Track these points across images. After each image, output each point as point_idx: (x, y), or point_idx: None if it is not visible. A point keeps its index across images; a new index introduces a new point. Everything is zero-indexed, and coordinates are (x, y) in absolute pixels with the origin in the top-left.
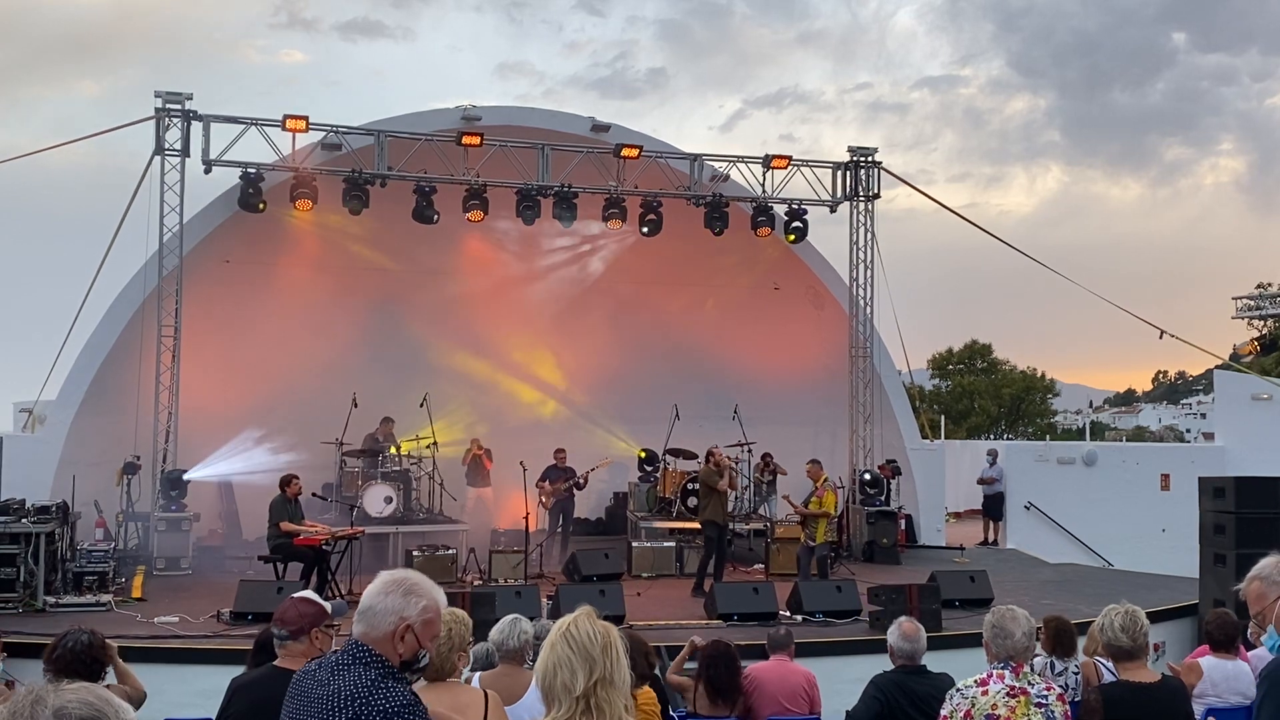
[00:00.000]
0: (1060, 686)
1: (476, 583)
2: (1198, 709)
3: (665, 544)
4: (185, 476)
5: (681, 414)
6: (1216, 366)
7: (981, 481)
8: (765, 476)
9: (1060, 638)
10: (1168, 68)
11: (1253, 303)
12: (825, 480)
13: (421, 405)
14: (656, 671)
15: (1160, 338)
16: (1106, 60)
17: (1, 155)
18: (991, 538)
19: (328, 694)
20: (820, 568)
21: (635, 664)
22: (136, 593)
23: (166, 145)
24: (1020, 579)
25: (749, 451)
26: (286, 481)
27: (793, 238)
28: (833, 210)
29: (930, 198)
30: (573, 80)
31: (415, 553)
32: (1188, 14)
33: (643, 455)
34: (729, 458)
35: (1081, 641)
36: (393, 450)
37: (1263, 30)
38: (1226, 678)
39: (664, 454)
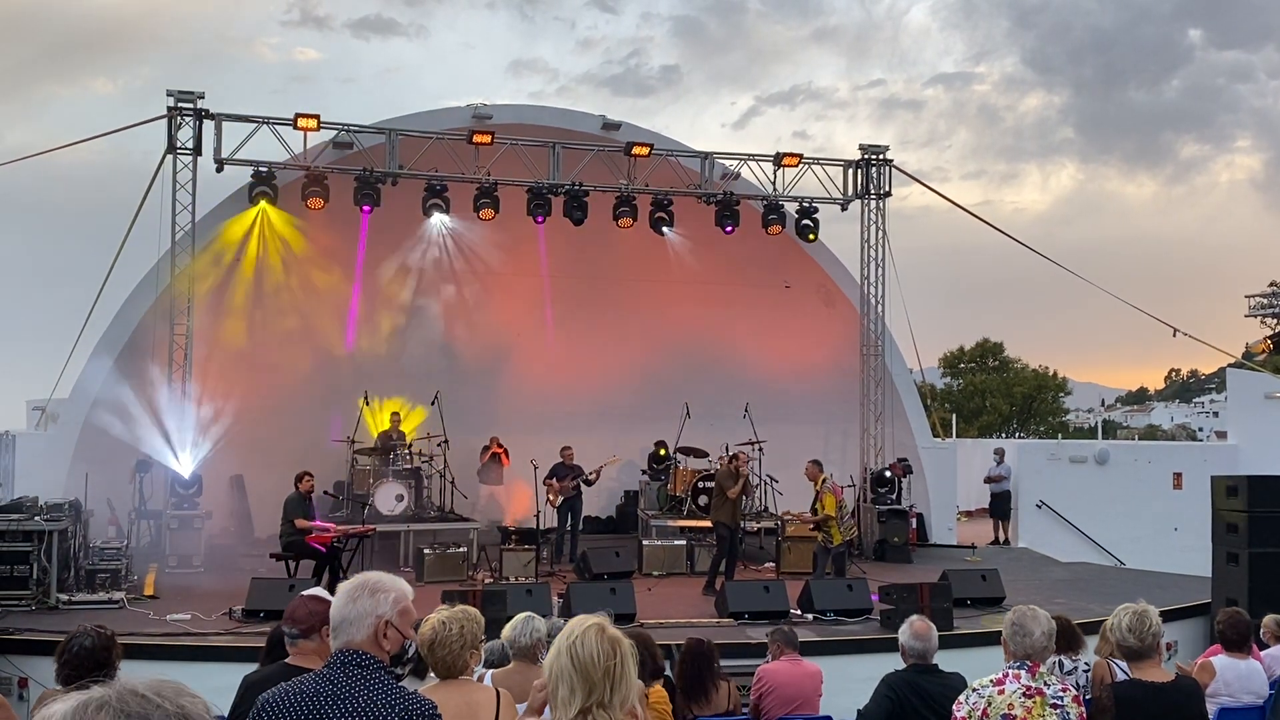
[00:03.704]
0: (1071, 686)
1: (488, 580)
2: (1211, 708)
3: (676, 542)
4: (184, 475)
5: (692, 412)
6: (1229, 365)
7: (989, 480)
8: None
9: (1057, 634)
10: (1184, 64)
11: (1266, 301)
12: (824, 481)
13: (433, 403)
14: (668, 672)
15: (1173, 336)
16: (1122, 57)
17: (15, 154)
18: (1001, 537)
19: (356, 705)
20: (836, 565)
21: (644, 663)
22: (149, 590)
23: (179, 144)
24: (1032, 578)
25: (760, 450)
26: (299, 478)
27: (810, 237)
28: (844, 208)
29: (941, 195)
30: (586, 77)
31: (427, 550)
32: (1204, 11)
33: (664, 454)
34: (742, 456)
35: (1093, 641)
36: (404, 450)
37: (1279, 27)
38: (1240, 677)
39: (675, 452)
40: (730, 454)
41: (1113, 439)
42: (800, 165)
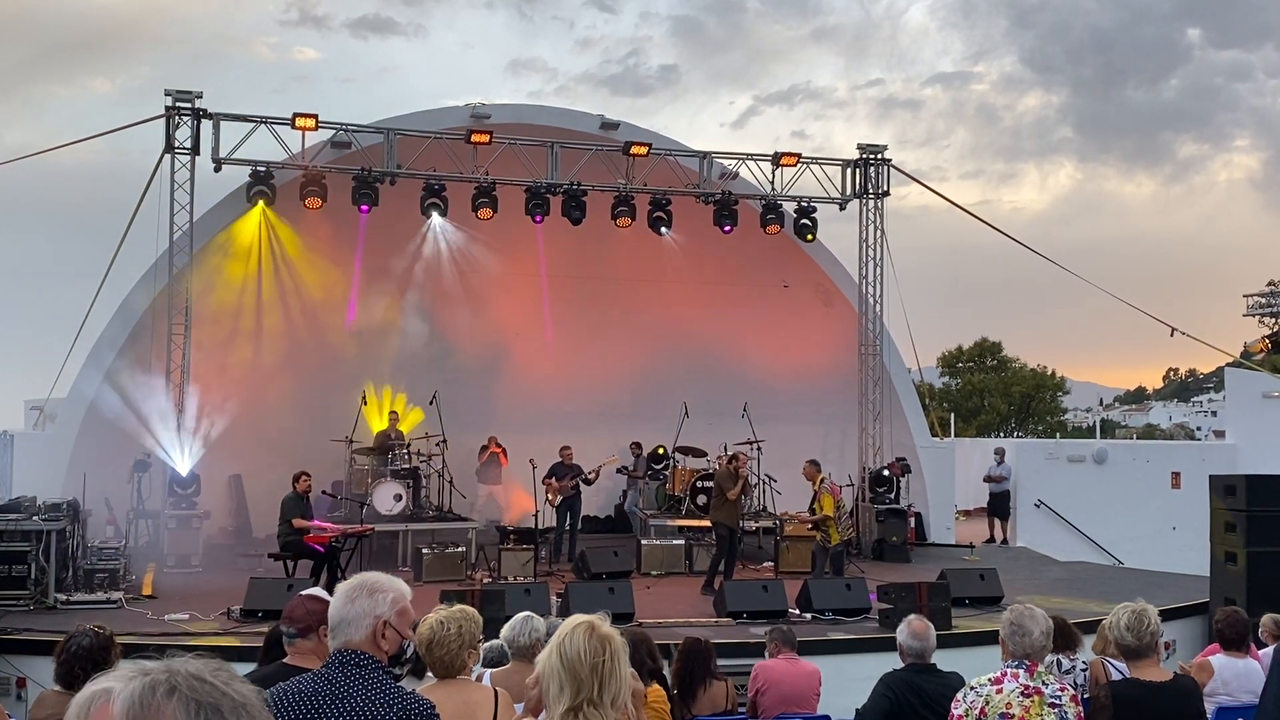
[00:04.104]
0: (1069, 685)
1: (486, 580)
2: (1209, 707)
3: (674, 541)
4: (182, 475)
5: (691, 412)
6: (1227, 364)
7: (989, 479)
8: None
9: (1055, 634)
10: (1182, 64)
11: (1264, 300)
12: (822, 481)
13: (431, 403)
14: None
15: (1171, 335)
16: (1121, 57)
17: (14, 154)
18: (999, 536)
19: (355, 705)
20: (835, 564)
21: (642, 663)
22: (147, 590)
23: (177, 144)
24: (1030, 577)
25: (759, 450)
26: (297, 478)
27: (809, 237)
28: (842, 208)
29: (940, 195)
30: (585, 77)
31: (425, 550)
32: (1203, 10)
33: (661, 452)
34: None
35: (1090, 639)
36: (402, 450)
37: (1278, 26)
38: (1238, 676)
39: (673, 451)
40: (730, 454)
41: (1111, 438)
42: (798, 165)
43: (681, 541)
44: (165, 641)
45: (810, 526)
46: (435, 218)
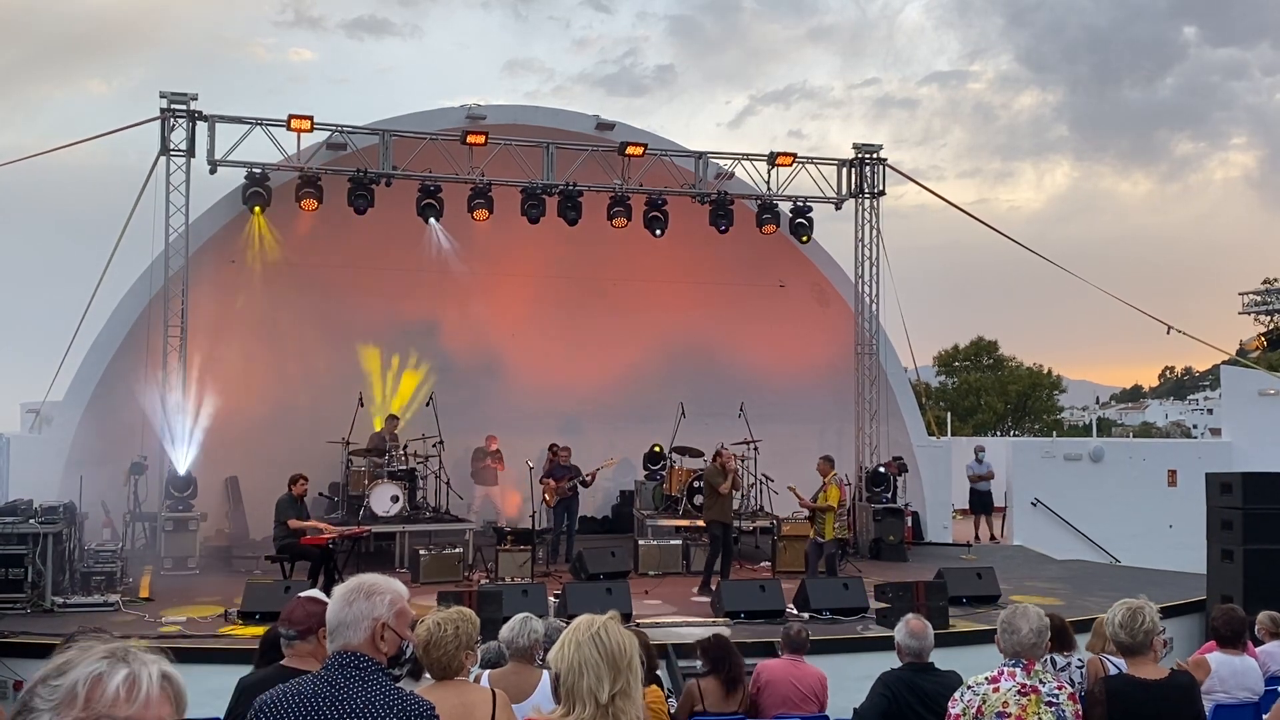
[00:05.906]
0: (1065, 683)
1: (483, 581)
2: (1206, 705)
3: (671, 542)
4: (179, 476)
5: (687, 412)
6: (1223, 362)
7: (980, 479)
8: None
9: (1050, 633)
10: (1178, 62)
11: (1260, 298)
12: (833, 475)
13: (428, 404)
14: (659, 673)
15: (1168, 333)
16: (1116, 55)
17: (10, 155)
18: (986, 534)
19: (354, 707)
20: (829, 565)
21: (645, 663)
22: (144, 592)
23: (172, 145)
24: (1027, 575)
25: (755, 450)
26: (294, 480)
27: (804, 237)
28: (838, 208)
29: (935, 194)
30: (581, 77)
31: (422, 551)
32: (1199, 8)
33: (658, 450)
34: (736, 455)
35: (1086, 638)
36: (398, 451)
37: (1274, 24)
38: (1234, 674)
39: (670, 451)
40: (715, 451)
41: (1107, 436)
42: (794, 165)
43: (679, 542)
44: (162, 644)
45: (807, 515)
46: (431, 219)
